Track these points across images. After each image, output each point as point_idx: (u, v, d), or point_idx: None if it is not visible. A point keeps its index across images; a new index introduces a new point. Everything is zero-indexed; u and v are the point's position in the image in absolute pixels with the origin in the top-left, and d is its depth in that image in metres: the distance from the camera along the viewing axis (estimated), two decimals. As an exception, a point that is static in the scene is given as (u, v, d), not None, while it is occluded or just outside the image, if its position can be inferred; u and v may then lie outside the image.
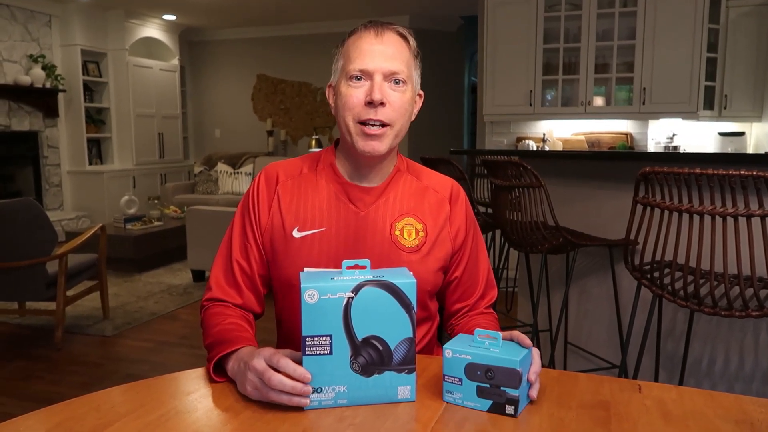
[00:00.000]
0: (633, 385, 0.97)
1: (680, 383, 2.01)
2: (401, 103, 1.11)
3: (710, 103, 4.59)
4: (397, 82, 1.10)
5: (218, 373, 0.98)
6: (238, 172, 7.22)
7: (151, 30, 7.54)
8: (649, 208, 1.68)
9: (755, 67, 4.58)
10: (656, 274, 1.70)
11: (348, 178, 1.17)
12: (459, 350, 0.89)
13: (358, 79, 1.09)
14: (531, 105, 4.88)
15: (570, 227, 2.42)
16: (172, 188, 7.16)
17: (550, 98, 4.96)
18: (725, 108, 4.63)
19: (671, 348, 2.18)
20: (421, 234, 1.16)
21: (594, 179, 2.48)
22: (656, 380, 2.14)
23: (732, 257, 1.49)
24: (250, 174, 7.20)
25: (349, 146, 1.14)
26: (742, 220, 1.47)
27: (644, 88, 4.57)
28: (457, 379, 0.89)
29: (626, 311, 2.29)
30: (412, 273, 0.94)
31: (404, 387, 0.89)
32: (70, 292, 3.48)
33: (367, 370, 0.88)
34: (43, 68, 6.35)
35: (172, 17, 7.53)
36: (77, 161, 6.89)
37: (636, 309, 1.91)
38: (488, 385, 0.87)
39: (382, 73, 1.09)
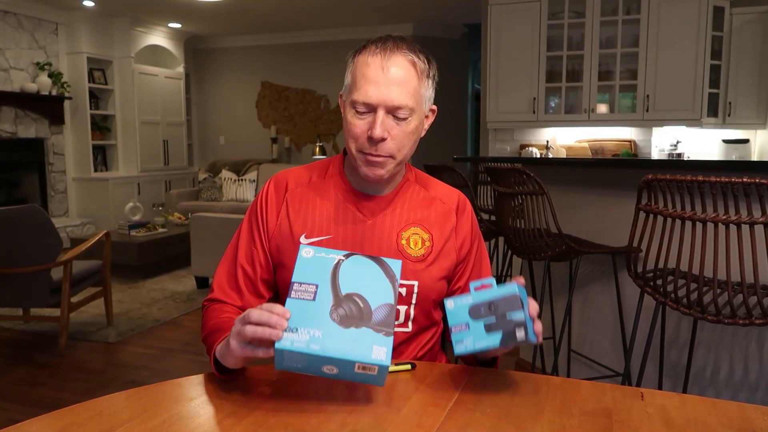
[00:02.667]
0: (635, 392, 0.97)
1: (684, 391, 2.00)
2: (404, 135, 1.10)
3: (714, 110, 4.59)
4: (400, 117, 1.09)
5: (219, 370, 0.98)
6: (242, 179, 7.25)
7: (157, 38, 7.59)
8: (651, 216, 1.68)
9: (759, 74, 4.58)
10: (659, 282, 1.70)
11: (356, 187, 1.19)
12: (460, 299, 0.94)
13: (362, 111, 1.09)
14: (534, 112, 4.89)
15: (573, 234, 2.42)
16: (177, 195, 7.19)
17: (553, 105, 4.97)
18: (729, 115, 4.63)
19: (675, 356, 2.17)
20: (427, 244, 1.17)
21: (597, 186, 2.48)
22: (660, 389, 2.13)
23: (735, 265, 1.49)
24: (254, 181, 7.22)
25: (355, 166, 1.14)
26: (745, 228, 1.47)
27: (648, 96, 4.57)
28: (464, 325, 0.91)
29: (629, 319, 2.29)
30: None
31: (380, 348, 0.87)
32: (74, 299, 3.49)
33: (345, 322, 0.88)
34: (50, 76, 6.40)
35: (178, 25, 7.58)
36: (82, 168, 6.92)
37: (639, 317, 1.90)
38: (494, 318, 0.89)
39: (385, 108, 1.07)
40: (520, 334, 0.88)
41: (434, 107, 1.18)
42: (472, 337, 0.90)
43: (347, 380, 0.89)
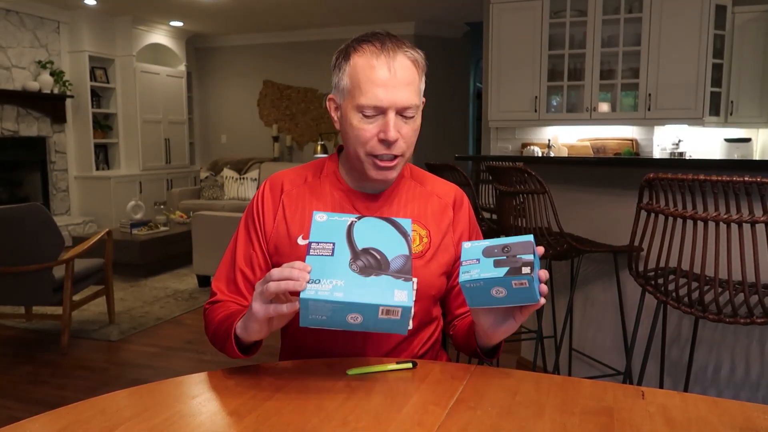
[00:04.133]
0: (636, 391, 0.97)
1: (685, 390, 2.00)
2: (412, 132, 1.11)
3: (716, 109, 4.59)
4: (407, 116, 1.09)
5: (241, 350, 1.03)
6: (243, 178, 7.25)
7: (159, 36, 7.59)
8: (653, 215, 1.68)
9: (761, 72, 4.57)
10: (661, 281, 1.70)
11: (351, 186, 1.18)
12: (477, 242, 0.96)
13: (370, 115, 1.08)
14: (536, 111, 4.89)
15: (575, 233, 2.42)
16: (178, 193, 7.19)
17: (555, 104, 4.96)
18: (731, 114, 4.62)
19: (676, 355, 2.17)
20: (425, 240, 1.16)
21: (599, 185, 2.48)
22: (661, 387, 2.13)
23: (736, 264, 1.48)
24: (255, 180, 7.22)
25: (359, 169, 1.14)
26: (747, 227, 1.47)
27: (650, 94, 4.57)
28: (475, 260, 0.94)
29: (631, 318, 2.29)
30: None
31: (401, 291, 0.89)
32: (76, 297, 3.49)
33: (364, 271, 0.91)
34: (52, 74, 6.40)
35: (179, 24, 7.58)
36: (84, 166, 6.93)
37: (640, 315, 1.90)
38: (504, 257, 0.92)
39: (395, 109, 1.07)
40: (525, 270, 0.90)
41: (424, 98, 1.18)
42: (479, 269, 0.93)
43: (371, 330, 0.90)
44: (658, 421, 0.86)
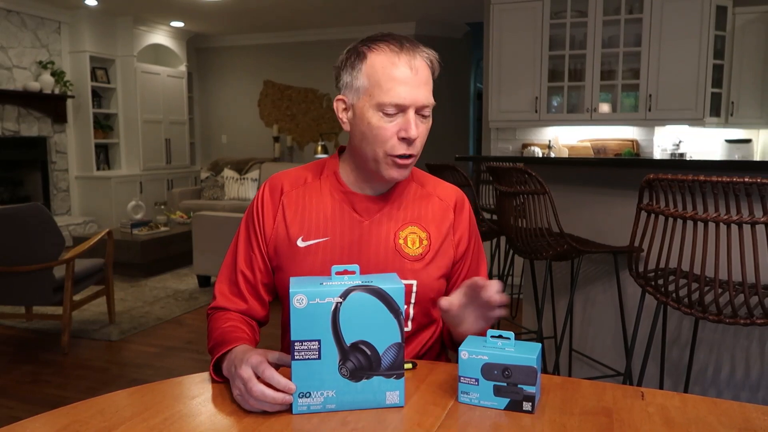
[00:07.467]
0: (636, 391, 0.97)
1: (685, 391, 2.00)
2: (426, 131, 1.12)
3: (717, 110, 4.58)
4: (425, 115, 1.10)
5: (220, 374, 1.01)
6: (244, 178, 7.25)
7: (159, 37, 7.60)
8: (653, 215, 1.68)
9: (762, 73, 4.57)
10: (661, 281, 1.70)
11: (352, 188, 1.17)
12: (475, 351, 0.91)
13: (391, 113, 1.07)
14: (536, 111, 4.88)
15: (575, 234, 2.42)
16: (179, 194, 7.19)
17: (555, 105, 4.96)
18: (732, 115, 4.62)
19: (676, 355, 2.17)
20: (425, 242, 1.16)
21: (599, 186, 2.48)
22: (661, 388, 2.13)
23: (736, 265, 1.48)
24: (256, 180, 7.22)
25: (372, 170, 1.13)
26: (747, 228, 1.47)
27: (650, 95, 4.56)
28: (474, 380, 0.91)
29: (631, 318, 2.29)
30: (401, 280, 0.94)
31: (393, 392, 0.90)
32: (76, 297, 3.49)
33: (355, 375, 0.89)
34: (53, 74, 6.41)
35: (180, 24, 7.59)
36: (85, 166, 6.94)
37: (640, 316, 1.90)
38: (505, 384, 0.89)
39: (415, 107, 1.07)
40: (527, 406, 0.88)
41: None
42: (479, 394, 0.91)
43: None
44: (658, 422, 0.86)
